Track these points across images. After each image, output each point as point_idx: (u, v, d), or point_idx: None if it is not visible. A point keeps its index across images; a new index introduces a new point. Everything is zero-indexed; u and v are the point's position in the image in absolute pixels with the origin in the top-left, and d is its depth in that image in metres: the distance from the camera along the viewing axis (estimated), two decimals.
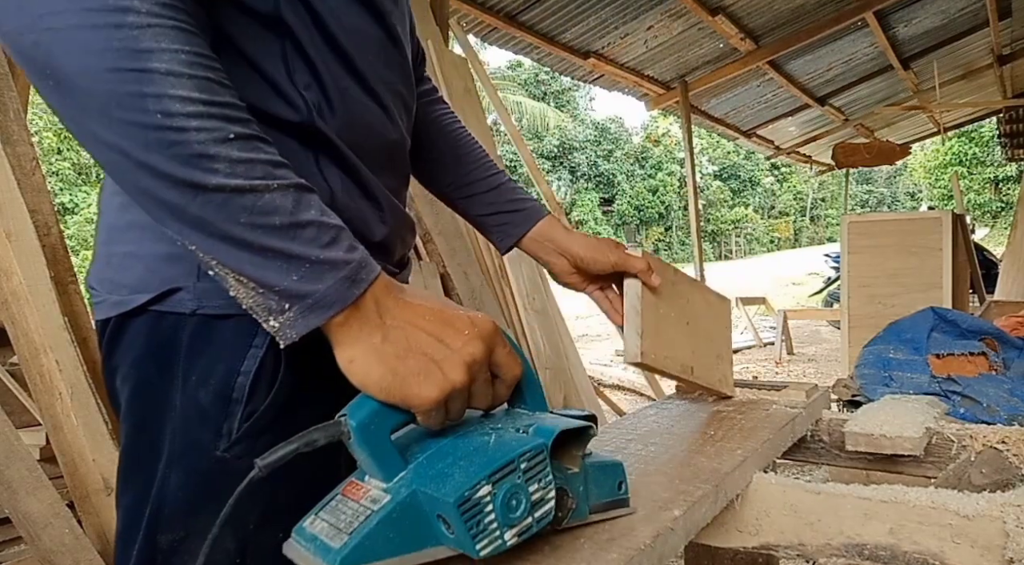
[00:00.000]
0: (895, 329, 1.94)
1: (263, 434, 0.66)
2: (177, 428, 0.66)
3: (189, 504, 0.66)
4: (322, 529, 0.53)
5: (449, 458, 0.54)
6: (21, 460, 1.56)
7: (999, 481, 0.91)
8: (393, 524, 0.51)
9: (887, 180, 40.75)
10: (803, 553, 0.78)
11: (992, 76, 8.46)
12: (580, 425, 0.58)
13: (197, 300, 0.65)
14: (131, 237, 0.67)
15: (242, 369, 0.65)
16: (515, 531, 0.53)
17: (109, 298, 0.69)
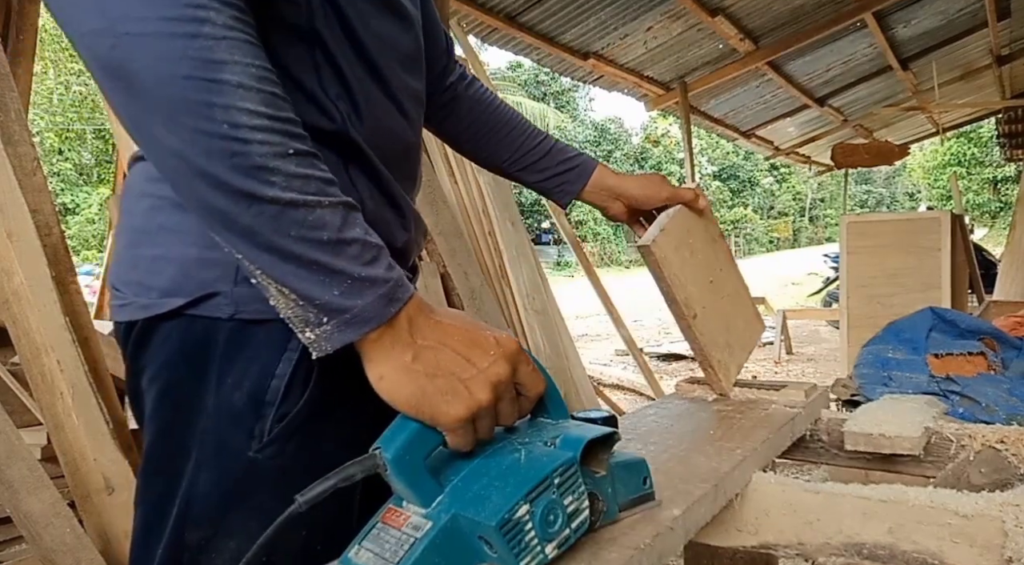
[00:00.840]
0: (894, 329, 1.95)
1: (293, 436, 0.68)
2: (209, 429, 0.67)
3: (219, 503, 0.68)
4: (368, 559, 0.55)
5: (484, 478, 0.55)
6: (22, 459, 1.56)
7: (998, 480, 0.91)
8: (437, 550, 0.52)
9: (886, 180, 40.75)
10: (802, 552, 0.78)
11: (991, 77, 8.46)
12: (605, 433, 0.60)
13: (234, 305, 0.66)
14: (161, 240, 0.68)
15: (276, 372, 0.66)
16: (555, 544, 0.55)
17: (137, 301, 0.69)
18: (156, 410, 0.70)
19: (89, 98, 17.10)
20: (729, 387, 1.10)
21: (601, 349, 7.80)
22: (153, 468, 0.71)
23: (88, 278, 8.28)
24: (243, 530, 0.68)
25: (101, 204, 15.60)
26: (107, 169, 17.32)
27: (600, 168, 1.05)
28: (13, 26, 2.49)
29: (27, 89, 2.61)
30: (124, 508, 1.71)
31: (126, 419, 2.00)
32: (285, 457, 0.68)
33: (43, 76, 15.85)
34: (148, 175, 0.71)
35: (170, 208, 0.68)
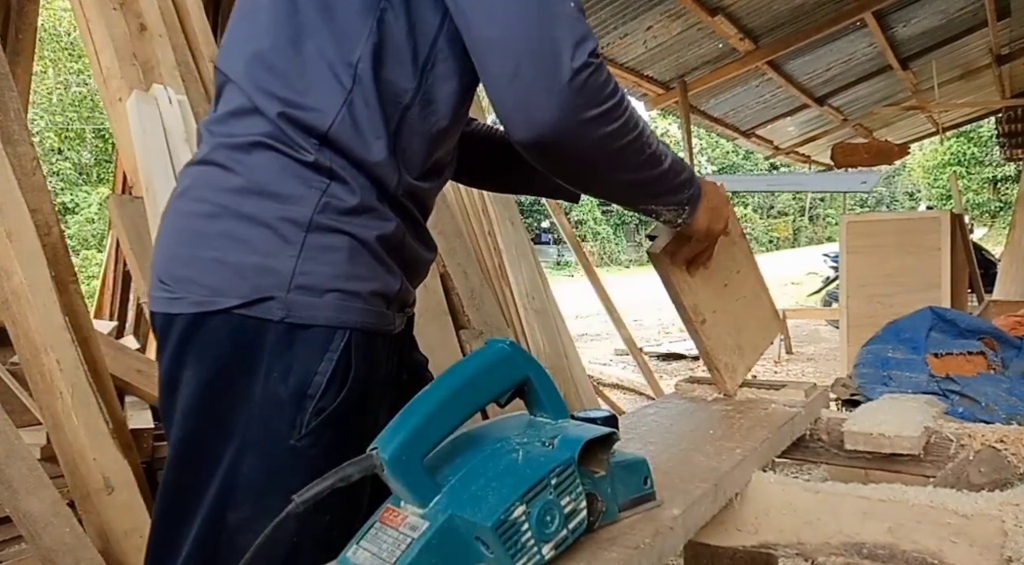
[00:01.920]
0: (894, 328, 1.94)
1: (329, 428, 0.76)
2: (255, 416, 0.75)
3: (261, 486, 0.75)
4: (365, 559, 0.55)
5: (481, 479, 0.56)
6: (22, 459, 1.56)
7: (997, 480, 0.91)
8: (434, 550, 0.53)
9: (886, 180, 40.69)
10: (802, 552, 0.78)
11: (991, 76, 8.46)
12: (604, 433, 0.60)
13: (286, 309, 0.74)
14: (220, 245, 0.76)
15: (319, 370, 0.75)
16: (552, 545, 0.56)
17: (188, 296, 0.76)
18: (200, 397, 0.76)
19: (88, 98, 17.09)
20: (735, 389, 1.10)
21: (601, 349, 7.80)
22: (191, 452, 0.77)
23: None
24: (278, 512, 0.72)
25: (101, 204, 15.59)
26: (107, 169, 17.30)
27: None
28: (12, 25, 2.49)
29: (26, 89, 2.61)
30: (124, 508, 1.70)
31: (126, 419, 2.00)
32: (320, 447, 0.76)
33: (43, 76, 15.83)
34: (209, 183, 0.78)
35: (231, 217, 0.76)
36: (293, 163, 0.75)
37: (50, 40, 15.63)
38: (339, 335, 0.76)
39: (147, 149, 2.08)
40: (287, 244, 0.74)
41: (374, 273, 0.79)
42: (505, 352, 0.63)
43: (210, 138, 0.80)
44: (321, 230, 0.75)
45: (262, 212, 0.75)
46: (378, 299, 0.80)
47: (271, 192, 0.75)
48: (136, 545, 1.69)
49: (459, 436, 0.61)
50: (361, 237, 0.77)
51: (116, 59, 2.20)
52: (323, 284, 0.75)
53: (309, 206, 0.75)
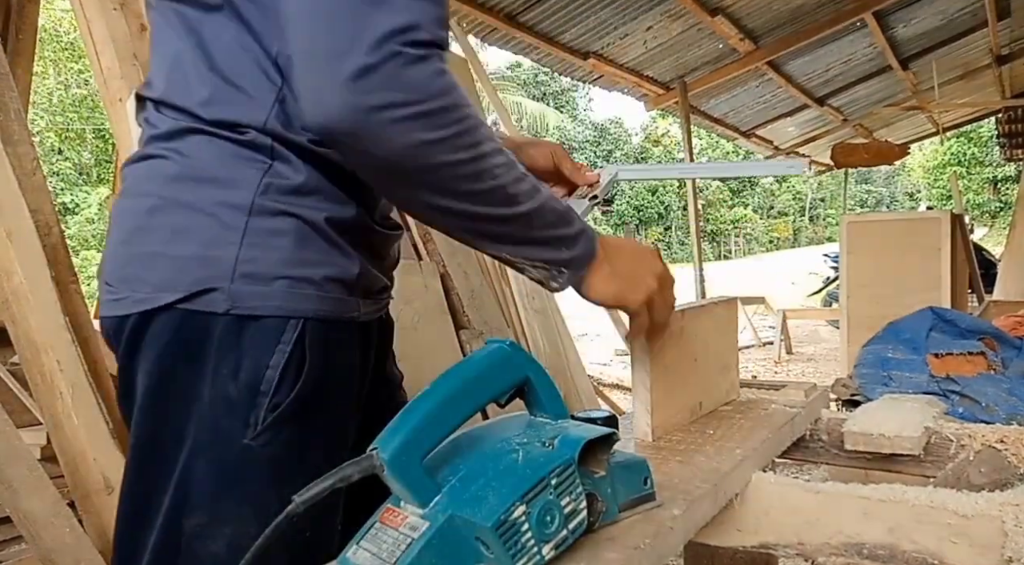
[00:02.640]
0: (894, 329, 1.95)
1: (286, 424, 0.72)
2: (204, 417, 0.71)
3: (214, 489, 0.71)
4: (365, 559, 0.55)
5: (481, 479, 0.56)
6: (22, 459, 1.56)
7: (998, 480, 0.91)
8: (434, 550, 0.53)
9: (886, 180, 40.75)
10: (802, 552, 0.78)
11: (991, 76, 8.45)
12: (604, 433, 0.61)
13: (231, 301, 0.70)
14: (160, 238, 0.72)
15: (271, 363, 0.71)
16: (551, 545, 0.56)
17: (132, 295, 0.72)
18: (151, 400, 0.72)
19: (88, 98, 17.09)
20: (737, 394, 1.09)
21: (601, 349, 7.80)
22: (145, 457, 0.74)
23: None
24: (237, 516, 0.71)
25: (101, 204, 15.60)
26: (107, 169, 17.30)
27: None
28: (12, 26, 2.49)
29: (27, 89, 2.61)
30: None
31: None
32: (277, 446, 0.72)
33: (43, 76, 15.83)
34: (149, 175, 0.74)
35: (171, 208, 0.72)
36: (230, 144, 0.71)
37: (50, 40, 15.63)
38: (291, 325, 0.72)
39: None
40: (228, 230, 0.70)
41: (327, 257, 0.74)
42: (505, 352, 0.63)
43: (144, 135, 0.77)
44: (265, 213, 0.71)
45: (201, 199, 0.71)
46: (335, 285, 0.75)
47: (209, 177, 0.71)
48: None
49: (459, 436, 0.60)
50: (309, 219, 0.73)
51: (116, 59, 2.19)
52: (270, 271, 0.71)
53: (250, 188, 0.71)
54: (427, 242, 2.81)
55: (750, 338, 7.55)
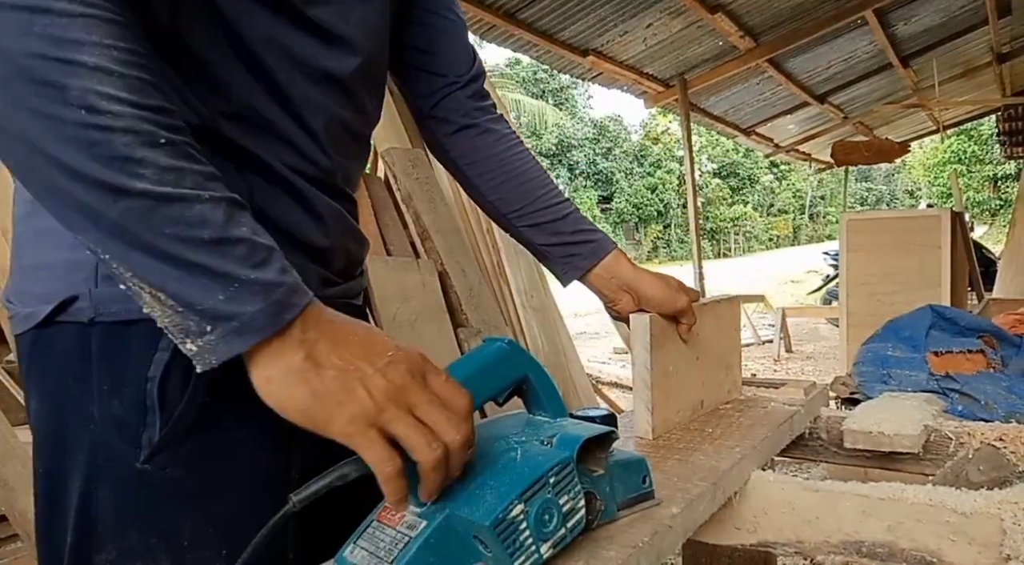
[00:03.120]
0: (894, 327, 1.94)
1: (186, 441, 0.63)
2: (96, 442, 0.63)
3: (118, 521, 0.63)
4: (362, 558, 0.54)
5: (479, 478, 0.55)
6: (17, 458, 1.56)
7: (997, 478, 0.91)
8: (431, 549, 0.52)
9: (886, 178, 40.77)
10: (801, 550, 0.78)
11: (991, 74, 8.46)
12: (602, 432, 0.60)
13: (94, 308, 0.62)
14: (37, 247, 0.65)
15: (150, 375, 0.61)
16: (550, 544, 0.55)
17: (21, 310, 0.66)
18: (44, 428, 0.65)
19: None
20: (739, 392, 1.09)
21: (599, 347, 7.80)
22: (48, 492, 0.66)
23: None
24: (146, 549, 0.63)
25: None
26: None
27: (617, 253, 0.93)
28: None
29: None
30: None
31: None
32: (178, 467, 0.63)
33: None
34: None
35: (41, 211, 0.60)
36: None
37: None
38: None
39: None
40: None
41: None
42: (503, 350, 0.62)
43: None
44: None
45: None
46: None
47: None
48: None
49: None
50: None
51: None
52: None
53: None
54: (425, 240, 2.81)
55: (750, 336, 7.55)
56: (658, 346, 0.87)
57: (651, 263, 28.43)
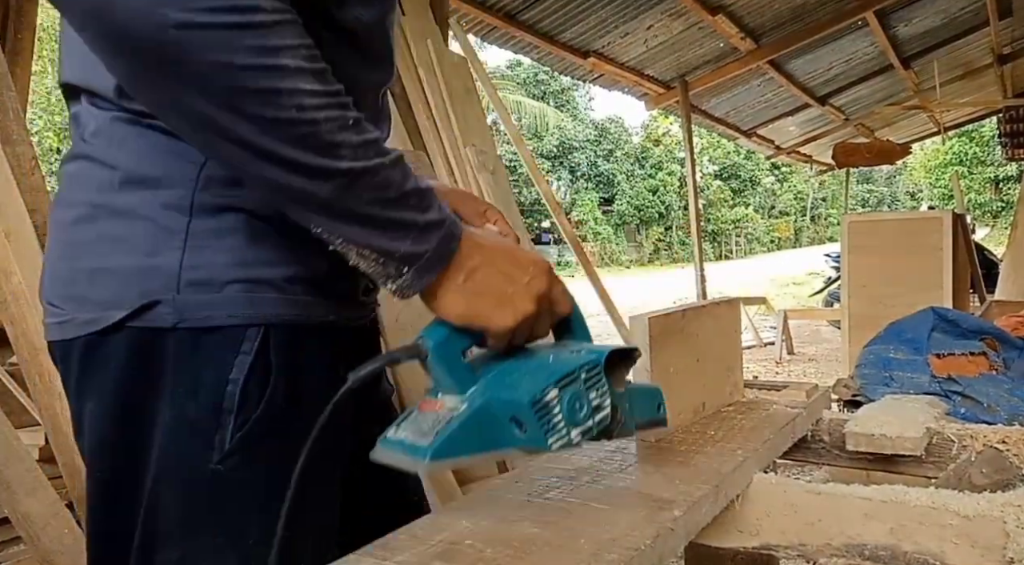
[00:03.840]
0: (895, 329, 1.94)
1: (259, 443, 0.65)
2: (167, 443, 0.64)
3: (185, 521, 0.64)
4: (407, 435, 0.60)
5: (516, 373, 0.62)
6: (20, 460, 1.56)
7: (1000, 481, 0.90)
8: (471, 427, 0.58)
9: (887, 180, 40.75)
10: (803, 553, 0.78)
11: (992, 75, 8.46)
12: (628, 347, 0.67)
13: (178, 313, 0.63)
14: (100, 250, 0.65)
15: (231, 377, 0.64)
16: (579, 431, 0.61)
17: (77, 316, 0.65)
18: (106, 432, 0.66)
19: None
20: (741, 395, 1.09)
21: None
22: (108, 493, 0.67)
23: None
24: (213, 549, 0.65)
25: None
26: None
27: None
28: (11, 25, 2.49)
29: (25, 88, 2.61)
30: None
31: None
32: (250, 468, 0.65)
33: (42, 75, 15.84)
34: (79, 180, 0.67)
35: (107, 217, 0.65)
36: (162, 136, 0.63)
37: (49, 40, 15.63)
38: (251, 334, 0.64)
39: None
40: (168, 235, 0.63)
41: (286, 255, 0.66)
42: None
43: (75, 132, 0.69)
44: (208, 211, 0.63)
45: (138, 203, 0.63)
46: (299, 286, 0.67)
47: (143, 178, 0.64)
48: None
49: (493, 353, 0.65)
50: (261, 212, 0.64)
51: None
52: (220, 276, 0.64)
53: (188, 185, 0.63)
54: None
55: (751, 338, 7.54)
56: (658, 347, 0.87)
57: (653, 265, 28.44)
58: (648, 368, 0.87)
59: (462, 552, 0.58)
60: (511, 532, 0.62)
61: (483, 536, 0.61)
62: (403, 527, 0.64)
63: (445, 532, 0.62)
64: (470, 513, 0.66)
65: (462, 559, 0.57)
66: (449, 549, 0.58)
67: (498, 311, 0.61)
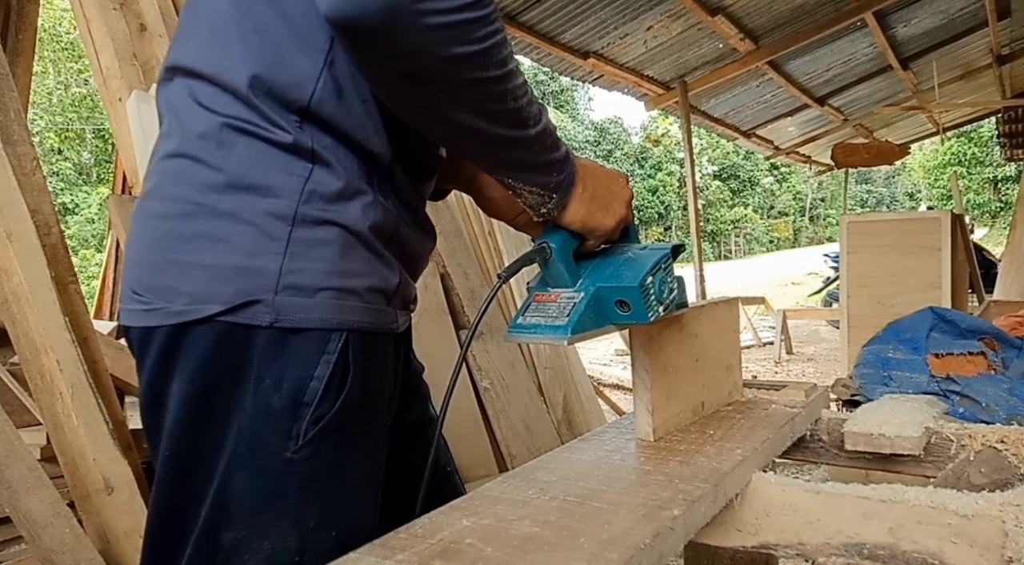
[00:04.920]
0: (894, 329, 1.94)
1: (329, 437, 0.71)
2: (245, 430, 0.69)
3: (255, 503, 0.69)
4: (538, 320, 0.77)
5: (611, 267, 0.80)
6: (22, 459, 1.56)
7: (998, 480, 0.91)
8: (591, 308, 0.76)
9: (886, 180, 40.74)
10: (802, 552, 0.78)
11: (991, 76, 8.46)
12: (678, 243, 0.83)
13: (275, 313, 0.69)
14: (197, 247, 0.69)
15: (315, 375, 0.70)
16: (663, 307, 0.79)
17: (167, 306, 0.69)
18: (188, 411, 0.70)
19: (88, 98, 17.09)
20: (740, 394, 1.09)
21: (601, 349, 7.80)
22: (179, 470, 0.72)
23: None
24: (276, 530, 0.69)
25: (101, 204, 15.61)
26: (107, 169, 17.31)
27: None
28: (12, 26, 2.49)
29: (26, 89, 2.61)
30: (123, 508, 1.70)
31: (125, 419, 2.00)
32: (319, 458, 0.71)
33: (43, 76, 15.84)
34: (182, 179, 0.71)
35: (208, 215, 0.69)
36: (271, 148, 0.69)
37: (50, 40, 15.64)
38: (335, 337, 0.70)
39: (147, 149, 2.08)
40: (272, 241, 0.68)
41: (370, 267, 0.73)
42: None
43: (177, 129, 0.73)
44: (308, 223, 0.69)
45: (242, 208, 0.68)
46: (376, 296, 0.74)
47: (250, 185, 0.68)
48: (136, 546, 1.69)
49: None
50: (353, 228, 0.71)
51: (116, 59, 2.20)
52: (314, 283, 0.69)
53: (293, 197, 0.69)
54: None
55: (750, 338, 7.55)
56: (657, 347, 0.88)
57: None
58: (647, 368, 0.87)
59: (462, 551, 0.58)
60: (511, 531, 0.62)
61: (483, 535, 0.61)
62: (403, 526, 0.64)
63: (445, 531, 0.62)
64: (470, 512, 0.67)
65: (462, 558, 0.57)
66: (449, 548, 0.59)
67: (605, 215, 0.81)
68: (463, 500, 0.71)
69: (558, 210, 0.77)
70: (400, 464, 0.87)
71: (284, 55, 0.69)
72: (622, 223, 0.83)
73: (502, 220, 0.99)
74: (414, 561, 0.57)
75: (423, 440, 0.93)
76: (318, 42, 0.69)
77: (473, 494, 0.73)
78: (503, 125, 0.68)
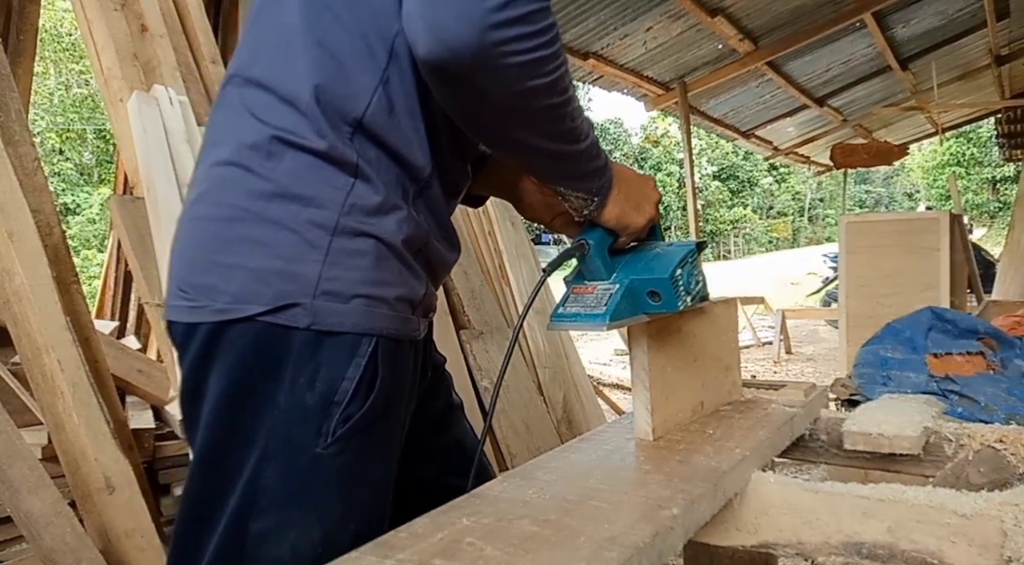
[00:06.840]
0: (893, 329, 1.94)
1: (356, 435, 0.75)
2: (278, 425, 0.73)
3: (284, 495, 0.73)
4: (578, 310, 0.83)
5: (641, 262, 0.87)
6: (23, 459, 1.57)
7: (997, 480, 0.91)
8: (627, 298, 0.83)
9: (885, 180, 40.73)
10: (801, 552, 0.78)
11: (990, 77, 8.46)
12: (700, 240, 0.92)
13: (312, 316, 0.72)
14: (241, 250, 0.73)
15: (347, 375, 0.74)
16: (690, 297, 0.87)
17: (210, 304, 0.73)
18: (224, 404, 0.74)
19: (89, 98, 17.09)
20: (740, 394, 1.10)
21: (600, 349, 7.80)
22: (213, 460, 0.75)
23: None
24: (302, 522, 0.73)
25: (102, 204, 15.59)
26: (108, 169, 17.30)
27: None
28: (13, 26, 2.50)
29: (27, 89, 2.62)
30: (124, 507, 1.71)
31: (127, 419, 2.00)
32: (348, 455, 0.75)
33: (44, 76, 15.83)
34: (231, 185, 0.75)
35: (253, 221, 0.73)
36: (317, 161, 0.73)
37: (51, 41, 15.63)
38: (366, 341, 0.74)
39: (148, 150, 2.08)
40: (312, 249, 0.72)
41: (400, 278, 0.78)
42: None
43: (227, 138, 0.77)
44: (347, 233, 0.73)
45: (286, 216, 0.72)
46: (404, 305, 0.79)
47: (295, 195, 0.73)
48: (137, 545, 1.69)
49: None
50: (388, 240, 0.75)
51: (117, 60, 2.20)
52: (349, 290, 0.73)
53: (334, 208, 0.73)
54: None
55: (749, 338, 7.55)
56: (656, 347, 0.88)
57: None
58: (646, 368, 0.88)
59: (462, 550, 0.58)
60: (511, 530, 0.62)
61: (483, 534, 0.61)
62: (404, 525, 0.64)
63: (445, 530, 0.63)
64: (470, 511, 0.67)
65: (462, 557, 0.57)
66: (449, 547, 0.59)
67: (637, 214, 0.89)
68: (463, 499, 0.71)
69: (598, 211, 0.85)
70: (424, 450, 0.97)
71: (345, 69, 0.74)
72: (651, 222, 0.91)
73: (539, 223, 1.04)
74: (414, 560, 0.57)
75: (449, 424, 1.04)
76: (378, 59, 0.74)
77: (473, 493, 0.73)
78: (561, 142, 0.75)
